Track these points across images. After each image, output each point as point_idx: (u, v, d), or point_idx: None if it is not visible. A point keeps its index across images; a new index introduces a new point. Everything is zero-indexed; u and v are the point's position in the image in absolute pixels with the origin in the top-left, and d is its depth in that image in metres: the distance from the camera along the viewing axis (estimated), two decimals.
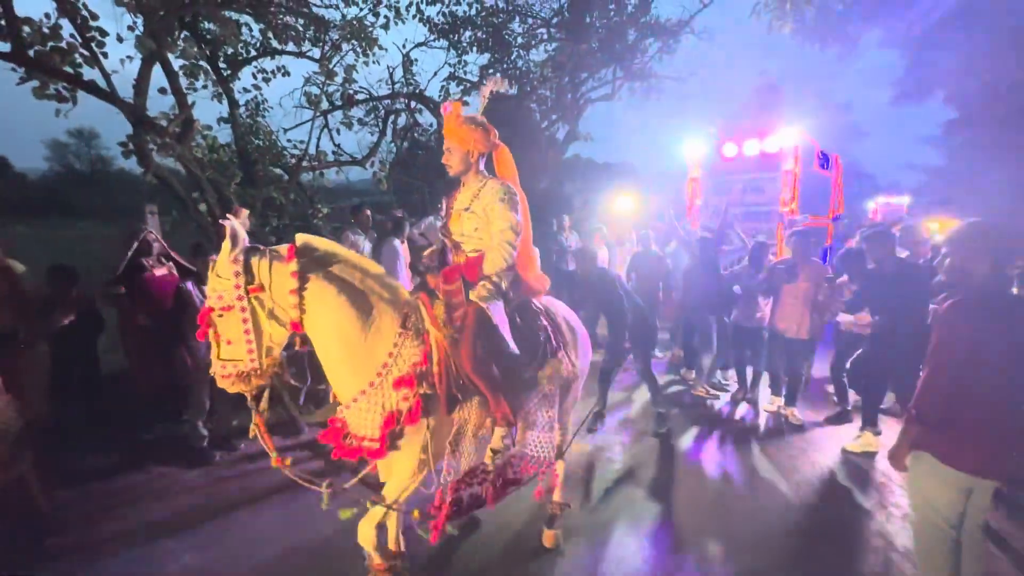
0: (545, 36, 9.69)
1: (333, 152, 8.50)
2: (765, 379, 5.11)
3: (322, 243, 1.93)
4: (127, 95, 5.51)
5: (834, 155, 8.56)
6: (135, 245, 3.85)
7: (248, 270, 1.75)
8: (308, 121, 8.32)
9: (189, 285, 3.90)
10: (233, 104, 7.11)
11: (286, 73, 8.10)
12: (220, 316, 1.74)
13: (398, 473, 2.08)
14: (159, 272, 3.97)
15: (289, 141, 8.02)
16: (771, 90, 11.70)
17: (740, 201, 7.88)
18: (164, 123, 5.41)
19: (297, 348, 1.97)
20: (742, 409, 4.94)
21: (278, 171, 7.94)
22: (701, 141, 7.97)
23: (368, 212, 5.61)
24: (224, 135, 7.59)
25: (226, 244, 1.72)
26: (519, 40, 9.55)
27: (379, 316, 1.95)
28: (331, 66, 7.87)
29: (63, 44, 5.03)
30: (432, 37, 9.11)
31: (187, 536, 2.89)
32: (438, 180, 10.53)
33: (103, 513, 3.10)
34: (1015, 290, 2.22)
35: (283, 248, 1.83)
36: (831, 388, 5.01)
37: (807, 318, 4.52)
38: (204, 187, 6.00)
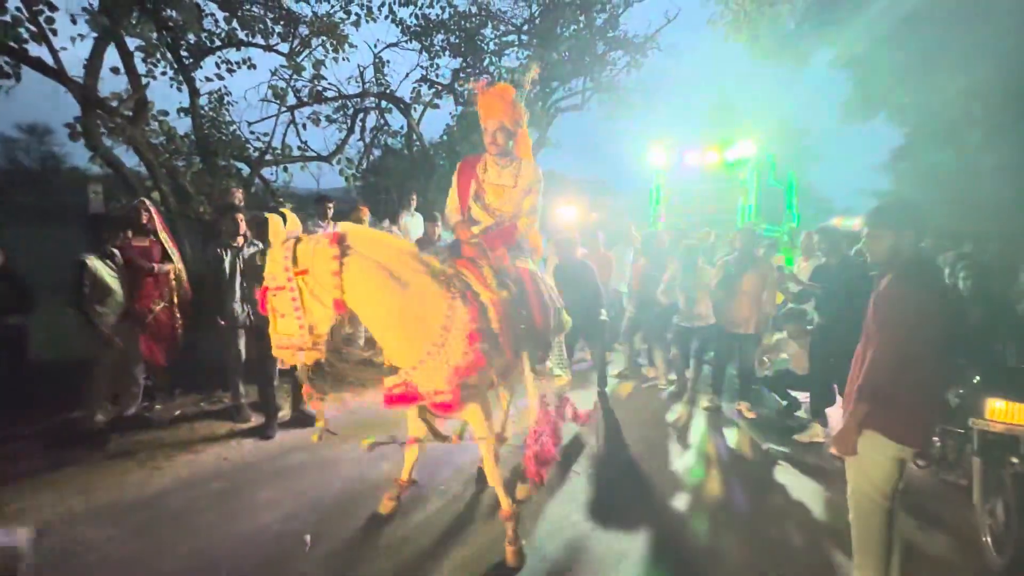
0: (516, 43, 9.85)
1: (299, 148, 8.35)
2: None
3: (362, 230, 2.23)
4: (78, 77, 5.29)
5: (788, 171, 8.99)
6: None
7: (295, 256, 2.01)
8: (273, 116, 8.16)
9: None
10: (194, 93, 6.90)
11: (252, 66, 7.93)
12: (274, 295, 2.03)
13: (479, 419, 2.37)
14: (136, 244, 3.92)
15: (252, 133, 7.82)
16: (730, 106, 12.17)
17: (700, 209, 8.13)
18: (115, 103, 5.18)
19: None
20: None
21: (240, 165, 7.73)
22: (665, 149, 8.22)
23: (329, 204, 5.51)
24: (184, 126, 7.37)
25: (277, 232, 2.03)
26: (491, 46, 9.67)
27: (423, 287, 2.17)
28: (299, 60, 7.76)
29: (7, 17, 4.81)
30: (404, 39, 9.14)
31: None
32: (408, 181, 10.48)
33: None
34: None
35: (328, 235, 2.09)
36: None
37: (755, 314, 4.63)
38: (157, 174, 5.78)
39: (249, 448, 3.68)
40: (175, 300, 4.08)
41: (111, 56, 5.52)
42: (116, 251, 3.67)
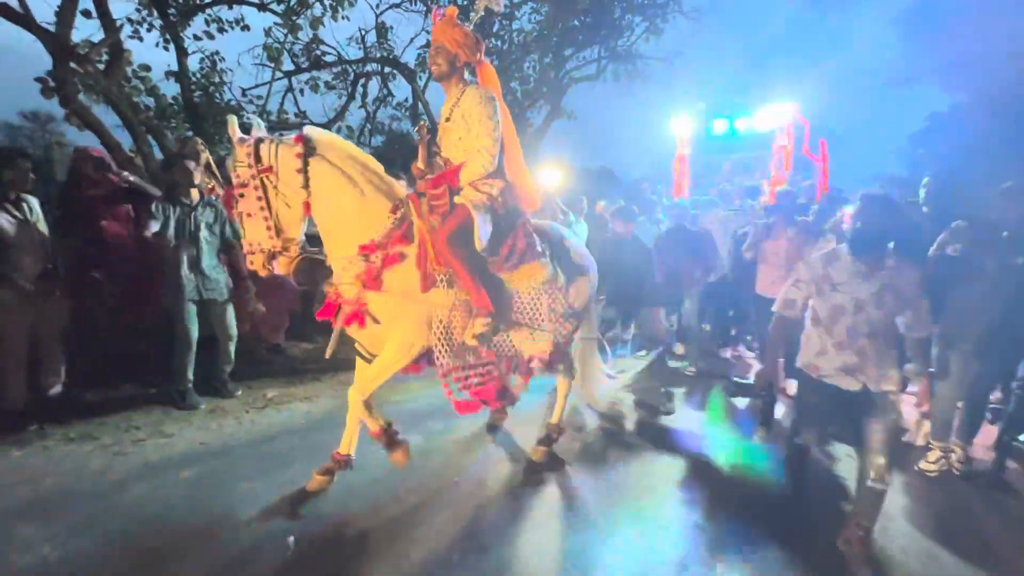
0: (527, 2, 9.19)
1: (296, 115, 7.81)
2: None
3: (326, 135, 2.20)
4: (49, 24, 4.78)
5: (821, 140, 8.35)
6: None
7: (258, 154, 2.03)
8: (268, 83, 7.63)
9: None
10: (181, 52, 6.38)
11: (245, 27, 7.39)
12: (241, 196, 2.05)
13: (393, 339, 2.29)
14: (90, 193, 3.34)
15: (245, 96, 7.29)
16: (759, 67, 11.42)
17: (728, 180, 7.54)
18: (86, 51, 4.66)
19: None
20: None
21: None
22: (690, 117, 7.61)
23: None
24: (173, 91, 6.86)
25: (234, 133, 2.06)
26: (502, 9, 9.02)
27: (373, 200, 2.20)
28: (295, 20, 7.21)
29: None
30: (408, 0, 8.52)
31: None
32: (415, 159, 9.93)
33: None
34: None
35: (288, 135, 2.10)
36: None
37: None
38: (138, 134, 5.27)
39: (231, 431, 3.20)
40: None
41: (85, 3, 5.01)
42: (28, 196, 2.95)
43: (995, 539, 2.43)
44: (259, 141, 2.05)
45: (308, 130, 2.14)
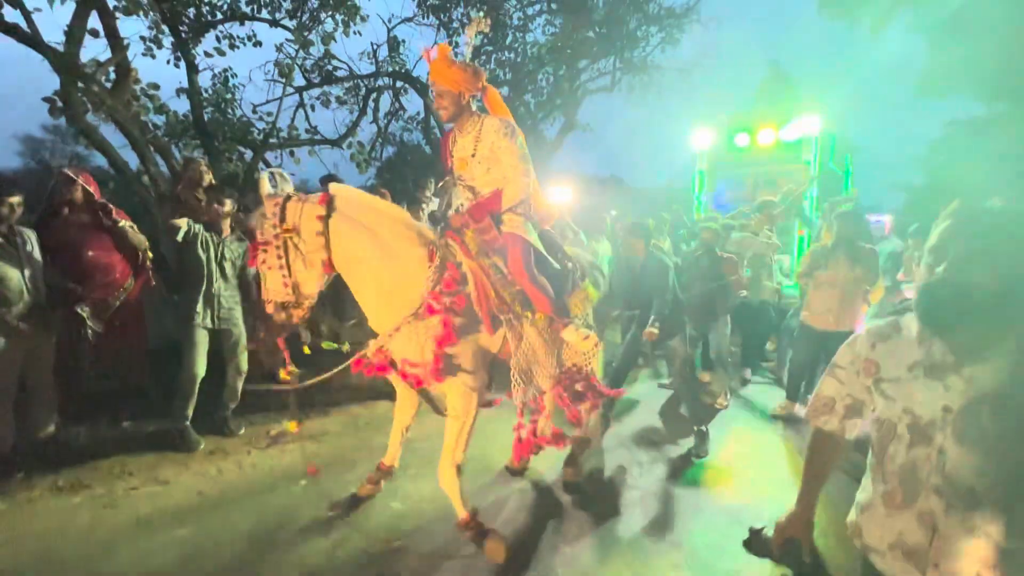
0: (541, 15, 9.03)
1: (307, 131, 7.68)
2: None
3: (351, 192, 2.17)
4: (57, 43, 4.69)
5: (845, 154, 8.04)
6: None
7: (284, 213, 2.03)
8: (279, 98, 7.51)
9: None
10: (192, 69, 6.28)
11: (257, 43, 7.31)
12: (264, 251, 2.05)
13: (456, 394, 2.21)
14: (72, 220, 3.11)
15: (256, 114, 7.18)
16: (784, 78, 11.14)
17: (752, 196, 7.23)
18: (92, 70, 4.55)
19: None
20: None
21: (243, 148, 7.11)
22: (710, 130, 7.34)
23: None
24: (184, 108, 6.77)
25: (264, 190, 2.09)
26: (515, 20, 8.89)
27: (407, 254, 2.12)
28: (307, 36, 7.10)
29: None
30: (420, 14, 8.42)
31: None
32: (426, 174, 9.78)
33: None
34: None
35: (315, 196, 2.09)
36: None
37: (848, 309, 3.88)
38: (146, 155, 5.15)
39: (231, 477, 2.97)
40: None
41: (93, 22, 4.91)
42: (24, 229, 2.76)
43: None
44: (287, 199, 2.05)
45: (333, 188, 2.11)
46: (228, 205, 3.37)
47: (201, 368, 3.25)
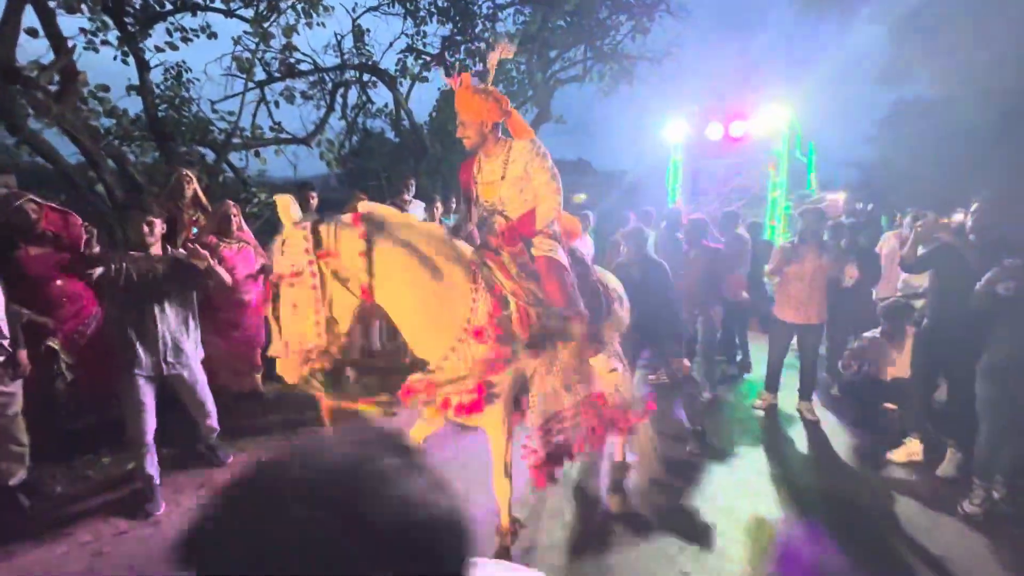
0: (512, 5, 8.83)
1: (271, 129, 7.33)
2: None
3: (385, 209, 2.02)
4: None
5: (808, 142, 8.32)
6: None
7: (317, 236, 1.80)
8: (240, 94, 7.10)
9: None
10: (142, 65, 5.85)
11: (212, 35, 6.86)
12: (291, 285, 1.78)
13: (496, 423, 2.14)
14: (33, 252, 2.86)
15: (216, 112, 6.78)
16: (755, 70, 11.34)
17: (723, 185, 7.41)
18: (35, 74, 4.16)
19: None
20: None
21: (204, 150, 6.71)
22: (684, 121, 7.42)
23: (312, 193, 4.64)
24: (134, 106, 6.32)
25: (289, 212, 1.82)
26: (484, 10, 8.67)
27: (450, 274, 2.01)
28: (267, 27, 6.71)
29: None
30: (386, 2, 8.09)
31: None
32: (395, 165, 9.52)
33: None
34: None
35: (347, 216, 1.91)
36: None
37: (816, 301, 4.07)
38: (99, 162, 4.80)
39: None
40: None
41: (29, 18, 4.48)
42: None
43: None
44: (317, 223, 1.84)
45: (363, 207, 1.96)
46: (154, 230, 2.81)
47: (147, 429, 2.75)
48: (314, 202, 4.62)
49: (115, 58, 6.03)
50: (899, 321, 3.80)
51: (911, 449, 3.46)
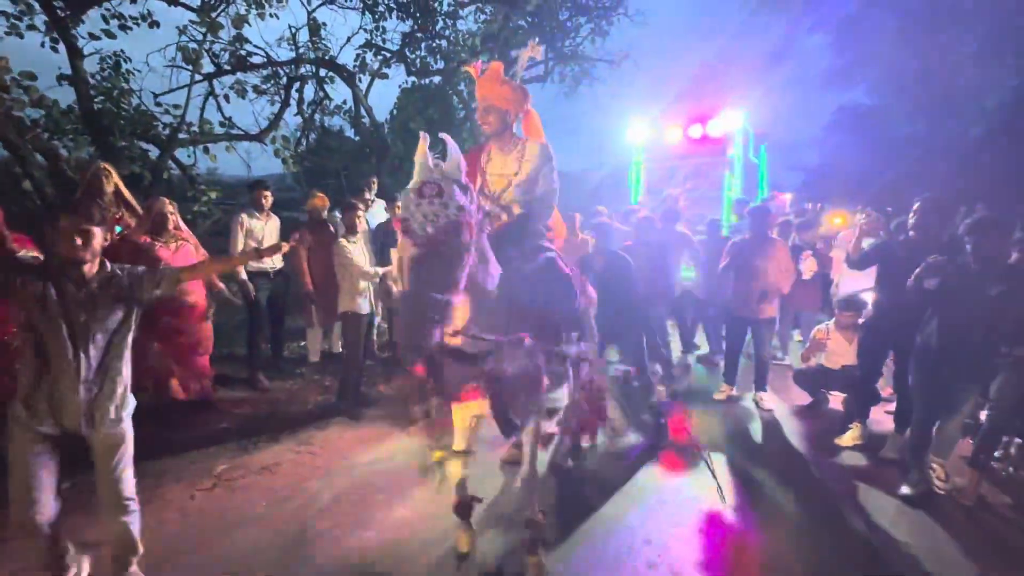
0: (473, 3, 8.78)
1: (221, 124, 6.97)
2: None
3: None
4: None
5: (760, 145, 8.71)
6: None
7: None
8: (186, 86, 6.72)
9: None
10: (74, 53, 5.44)
11: (154, 23, 6.45)
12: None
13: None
14: None
15: (159, 106, 6.37)
16: (711, 74, 11.75)
17: (681, 187, 7.63)
18: None
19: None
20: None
21: (147, 146, 6.30)
22: (644, 124, 7.61)
23: (267, 192, 4.46)
24: (67, 97, 5.85)
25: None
26: (445, 7, 8.57)
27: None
28: (215, 17, 6.38)
29: None
30: None
31: None
32: (355, 164, 9.28)
33: None
34: None
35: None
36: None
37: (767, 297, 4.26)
38: (27, 158, 4.42)
39: (174, 530, 2.68)
40: None
41: None
42: None
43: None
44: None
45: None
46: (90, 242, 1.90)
47: (46, 508, 1.89)
48: (268, 202, 4.44)
49: (43, 44, 5.59)
50: (853, 313, 4.04)
51: (855, 434, 3.66)
